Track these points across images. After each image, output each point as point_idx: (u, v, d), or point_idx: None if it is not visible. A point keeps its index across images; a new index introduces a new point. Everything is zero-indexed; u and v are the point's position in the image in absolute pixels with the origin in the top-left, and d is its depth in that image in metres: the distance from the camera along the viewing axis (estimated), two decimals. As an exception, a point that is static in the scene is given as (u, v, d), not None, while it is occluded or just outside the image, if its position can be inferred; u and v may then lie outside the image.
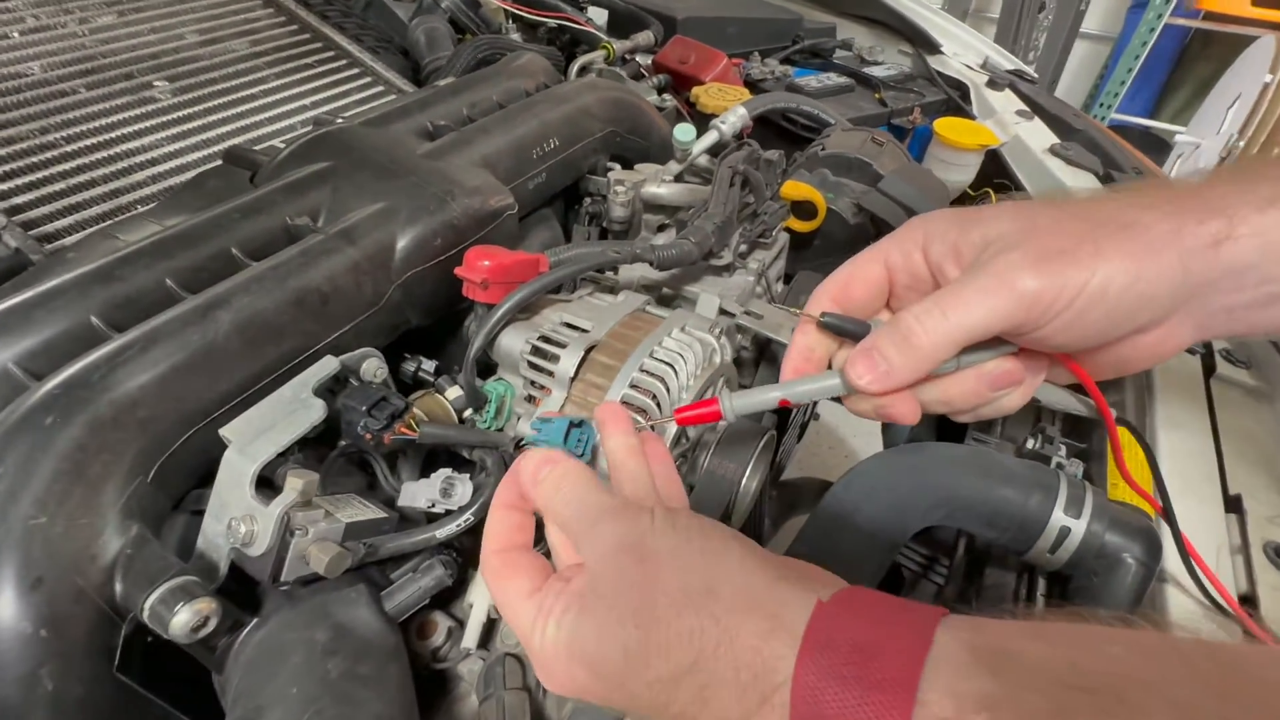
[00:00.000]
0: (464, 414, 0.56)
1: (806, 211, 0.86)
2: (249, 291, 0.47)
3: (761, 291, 0.75)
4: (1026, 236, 0.31)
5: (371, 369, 0.49)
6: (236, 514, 0.39)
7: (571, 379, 0.52)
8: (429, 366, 0.58)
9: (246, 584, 0.41)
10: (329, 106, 0.90)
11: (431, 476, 0.47)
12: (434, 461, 0.56)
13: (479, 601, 0.46)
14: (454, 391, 0.55)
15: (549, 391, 0.53)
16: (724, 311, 0.67)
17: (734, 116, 0.91)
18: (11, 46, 0.77)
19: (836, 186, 0.88)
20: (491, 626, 0.47)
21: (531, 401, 0.55)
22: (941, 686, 0.23)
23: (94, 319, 0.45)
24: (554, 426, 0.40)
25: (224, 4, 0.96)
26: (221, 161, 0.69)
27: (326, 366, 0.46)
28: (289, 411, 0.43)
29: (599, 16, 1.25)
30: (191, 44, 0.89)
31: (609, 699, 0.29)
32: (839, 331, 0.37)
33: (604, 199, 0.81)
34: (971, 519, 0.54)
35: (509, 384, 0.56)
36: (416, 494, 0.46)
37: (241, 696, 0.36)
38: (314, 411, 0.43)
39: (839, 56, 1.42)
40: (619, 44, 1.15)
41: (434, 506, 0.46)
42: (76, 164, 0.70)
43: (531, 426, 0.41)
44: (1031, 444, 0.64)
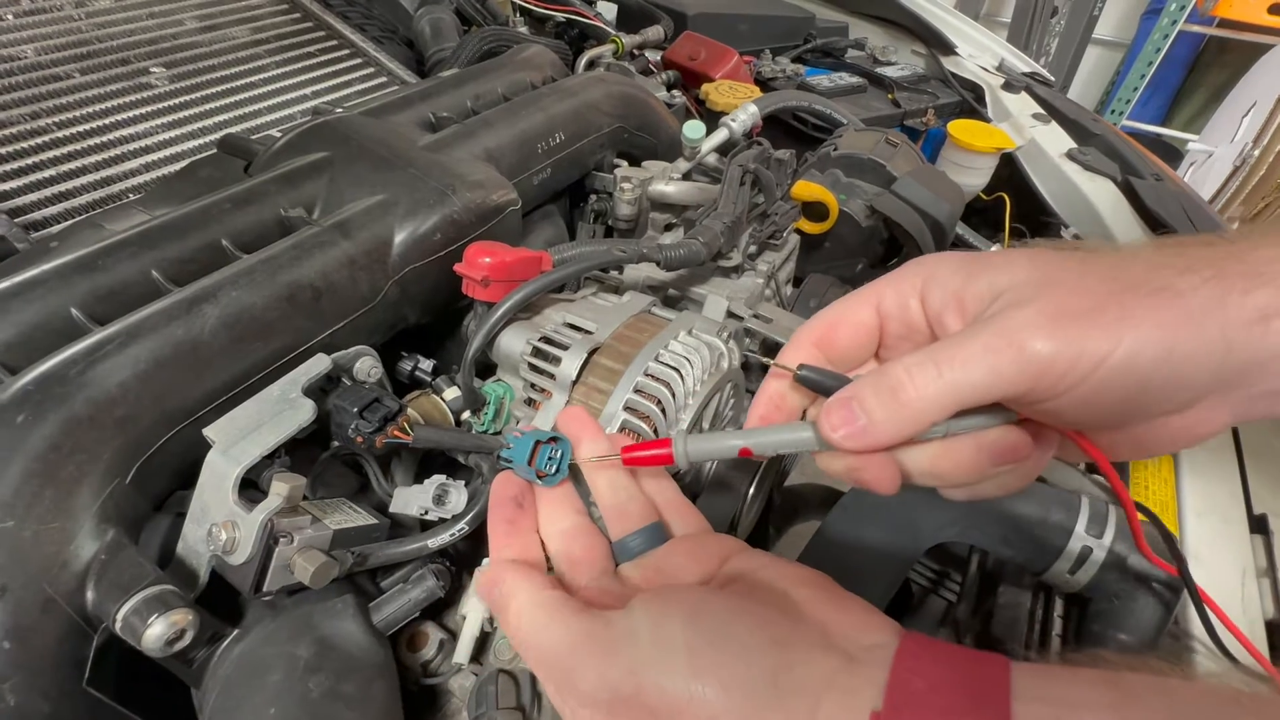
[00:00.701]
0: (461, 416, 0.54)
1: (818, 213, 0.83)
2: (238, 285, 0.45)
3: (771, 294, 0.72)
4: (1042, 291, 0.26)
5: (365, 368, 0.47)
6: (218, 519, 0.37)
7: (573, 382, 0.49)
8: (426, 366, 0.56)
9: (227, 593, 0.39)
10: (330, 96, 0.88)
11: (425, 483, 0.45)
12: (430, 463, 0.54)
13: (472, 614, 0.44)
14: (451, 392, 0.53)
15: (550, 395, 0.51)
16: (732, 314, 0.64)
17: (744, 114, 0.89)
18: (5, 29, 0.76)
19: (849, 188, 0.86)
20: (485, 640, 0.45)
21: (531, 404, 0.53)
22: None
23: (74, 311, 0.43)
24: (520, 445, 0.37)
25: (225, -10, 0.95)
26: (216, 150, 0.67)
27: (318, 365, 0.44)
28: (277, 412, 0.41)
29: (608, 11, 1.23)
30: (190, 30, 0.87)
31: None
32: (816, 388, 0.32)
33: (610, 196, 0.79)
34: (987, 536, 0.52)
35: (508, 386, 0.54)
36: (409, 501, 0.44)
37: (217, 715, 0.34)
38: (303, 412, 0.41)
39: (851, 56, 1.39)
40: (628, 39, 1.13)
41: (427, 514, 0.44)
42: (67, 150, 0.68)
43: (507, 440, 0.38)
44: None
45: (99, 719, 0.35)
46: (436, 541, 0.43)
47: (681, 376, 0.49)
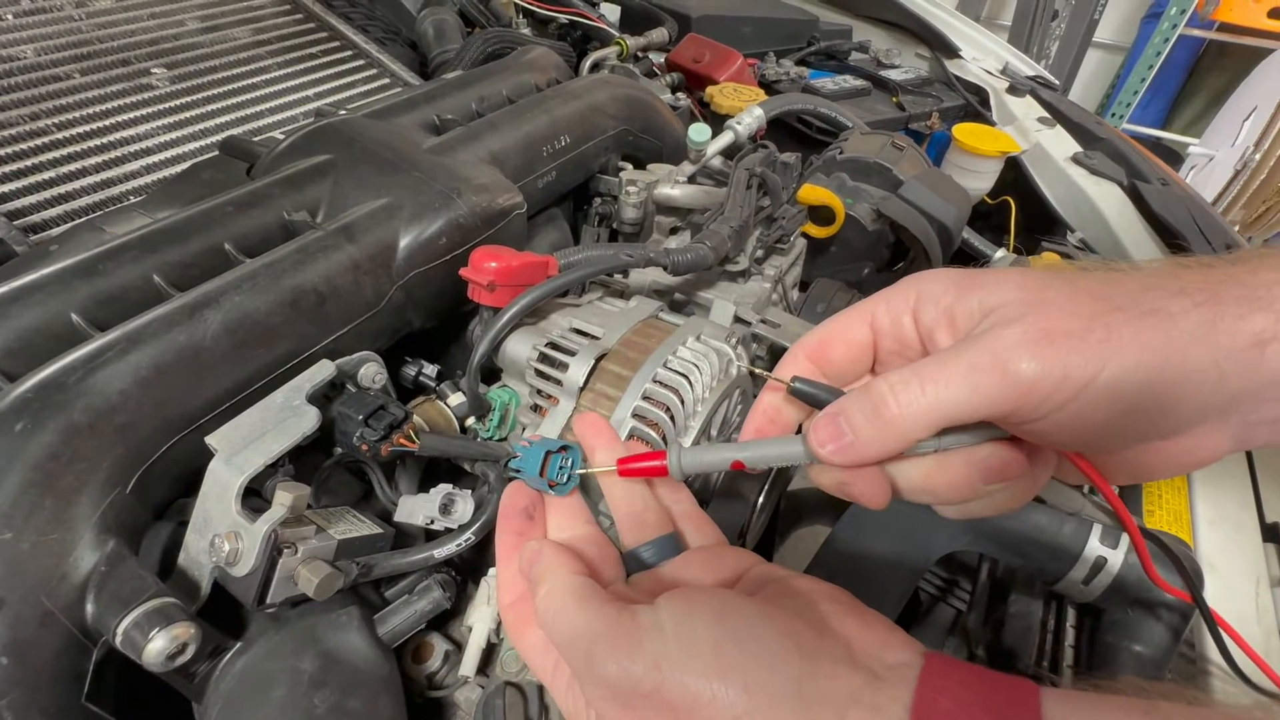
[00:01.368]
0: (466, 422, 0.53)
1: (824, 217, 0.83)
2: (241, 290, 0.44)
3: (778, 299, 0.72)
4: (1030, 310, 0.26)
5: (370, 374, 0.47)
6: (220, 530, 0.36)
7: (581, 388, 0.49)
8: (430, 371, 0.55)
9: (229, 605, 0.38)
10: (333, 98, 0.87)
11: (431, 492, 0.44)
12: (434, 470, 0.54)
13: (479, 625, 0.44)
14: (456, 398, 0.53)
15: (556, 401, 0.50)
16: (739, 319, 0.64)
17: (750, 117, 0.88)
18: (5, 29, 0.75)
19: (855, 191, 0.85)
20: (491, 651, 0.44)
21: (537, 411, 0.52)
22: None
23: (74, 316, 0.42)
24: (531, 455, 0.36)
25: (227, -9, 0.94)
26: (218, 152, 0.66)
27: (322, 371, 0.43)
28: (280, 419, 0.40)
29: (611, 13, 1.22)
30: (192, 31, 0.86)
31: None
32: (809, 400, 0.32)
33: (615, 199, 0.78)
34: (999, 546, 0.51)
35: (514, 392, 0.53)
36: (414, 510, 0.43)
37: (220, 731, 0.33)
38: (307, 420, 0.40)
39: (855, 59, 1.39)
40: (632, 41, 1.12)
41: (433, 524, 0.43)
42: (67, 152, 0.67)
43: (515, 449, 0.38)
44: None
45: (98, 735, 0.34)
46: (443, 552, 0.42)
47: (690, 383, 0.49)
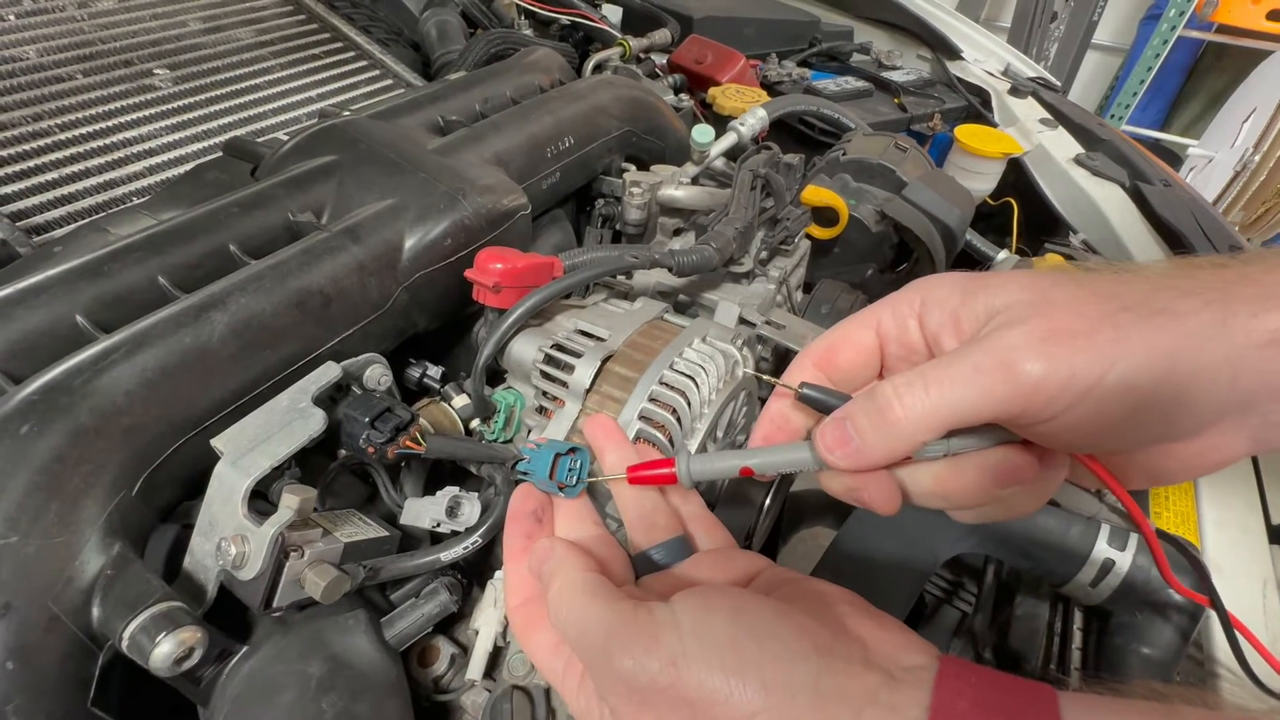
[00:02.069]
0: (470, 424, 0.53)
1: (827, 218, 0.83)
2: (247, 291, 0.44)
3: (782, 300, 0.72)
4: (1036, 311, 0.26)
5: (375, 376, 0.46)
6: (227, 533, 0.36)
7: (587, 390, 0.49)
8: (434, 373, 0.55)
9: (235, 608, 0.37)
10: (336, 99, 0.87)
11: (438, 495, 0.44)
12: (439, 472, 0.53)
13: (485, 628, 0.43)
14: (460, 400, 0.52)
15: (562, 403, 0.50)
16: (744, 321, 0.64)
17: (753, 118, 0.88)
18: (7, 30, 0.75)
19: (858, 193, 0.85)
20: (498, 655, 0.44)
21: (543, 413, 0.52)
22: None
23: (80, 318, 0.42)
24: (540, 457, 0.36)
25: (229, -9, 0.94)
26: (221, 153, 0.66)
27: (328, 373, 0.43)
28: (286, 422, 0.40)
29: (613, 14, 1.22)
30: (194, 32, 0.86)
31: None
32: (817, 406, 0.32)
33: (618, 200, 0.78)
34: (1006, 548, 0.51)
35: (519, 394, 0.53)
36: (421, 513, 0.43)
37: (227, 736, 0.33)
38: (313, 422, 0.40)
39: (856, 60, 1.39)
40: (635, 42, 1.12)
41: (439, 526, 0.43)
42: (70, 153, 0.67)
43: (523, 451, 0.38)
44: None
45: (103, 739, 0.34)
46: (450, 554, 0.42)
47: (697, 385, 0.48)
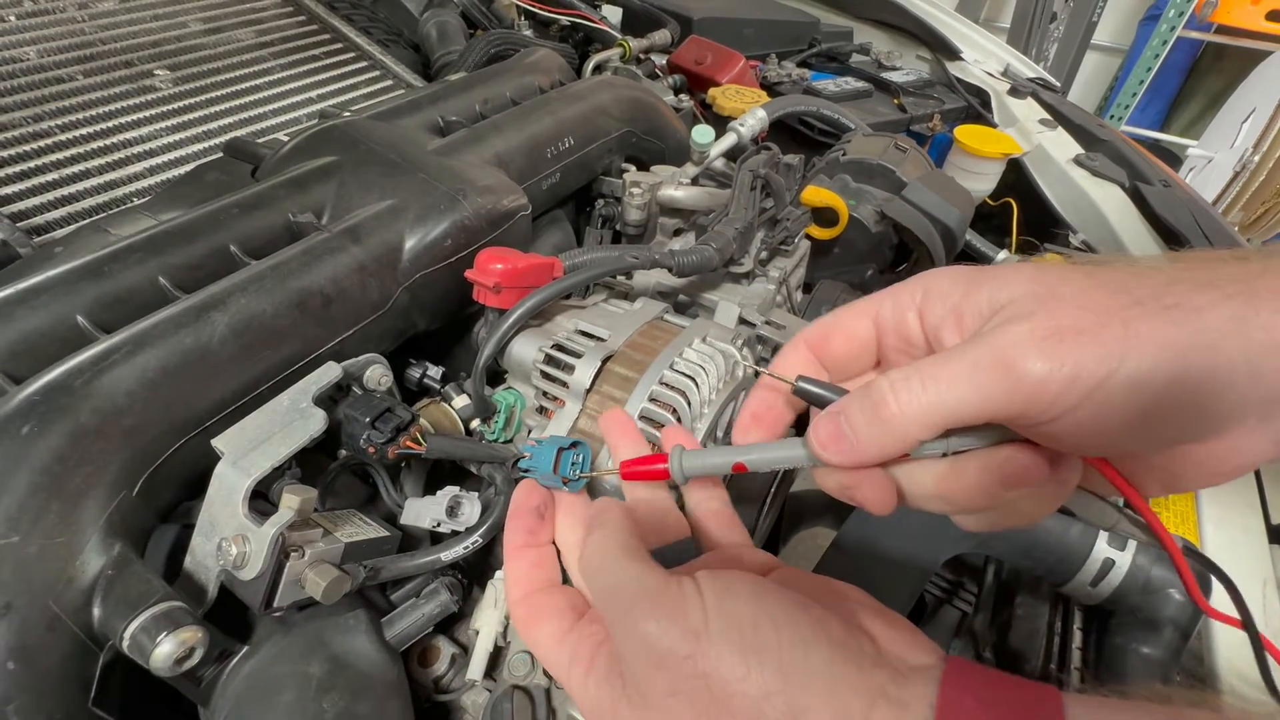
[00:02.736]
0: (471, 424, 0.53)
1: (827, 219, 0.83)
2: (247, 292, 0.44)
3: (782, 300, 0.72)
4: (1040, 306, 0.25)
5: (375, 376, 0.46)
6: (227, 533, 0.36)
7: (587, 390, 0.49)
8: (435, 373, 0.55)
9: (235, 608, 0.37)
10: (336, 100, 0.87)
11: (438, 495, 0.44)
12: (439, 472, 0.53)
13: (485, 628, 0.43)
14: (461, 400, 0.52)
15: (562, 403, 0.50)
16: (744, 321, 0.64)
17: (753, 119, 0.88)
18: (7, 30, 0.75)
19: (858, 193, 0.85)
20: (498, 655, 0.44)
21: (543, 413, 0.52)
22: None
23: (80, 318, 0.42)
24: (543, 451, 0.36)
25: (229, -7, 0.94)
26: (222, 154, 0.66)
27: (328, 374, 0.43)
28: (287, 422, 0.40)
29: (613, 15, 1.22)
30: (195, 33, 0.86)
31: None
32: (813, 400, 0.31)
33: (618, 201, 0.78)
34: (1007, 548, 0.51)
35: (519, 394, 0.53)
36: (421, 513, 0.43)
37: (228, 736, 0.33)
38: (314, 422, 0.40)
39: (856, 61, 1.39)
40: (635, 42, 1.12)
41: (439, 526, 0.43)
42: (70, 154, 0.67)
43: (525, 449, 0.38)
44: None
45: (104, 739, 0.34)
46: (450, 554, 0.42)
47: (697, 385, 0.48)
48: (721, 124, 0.91)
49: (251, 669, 0.36)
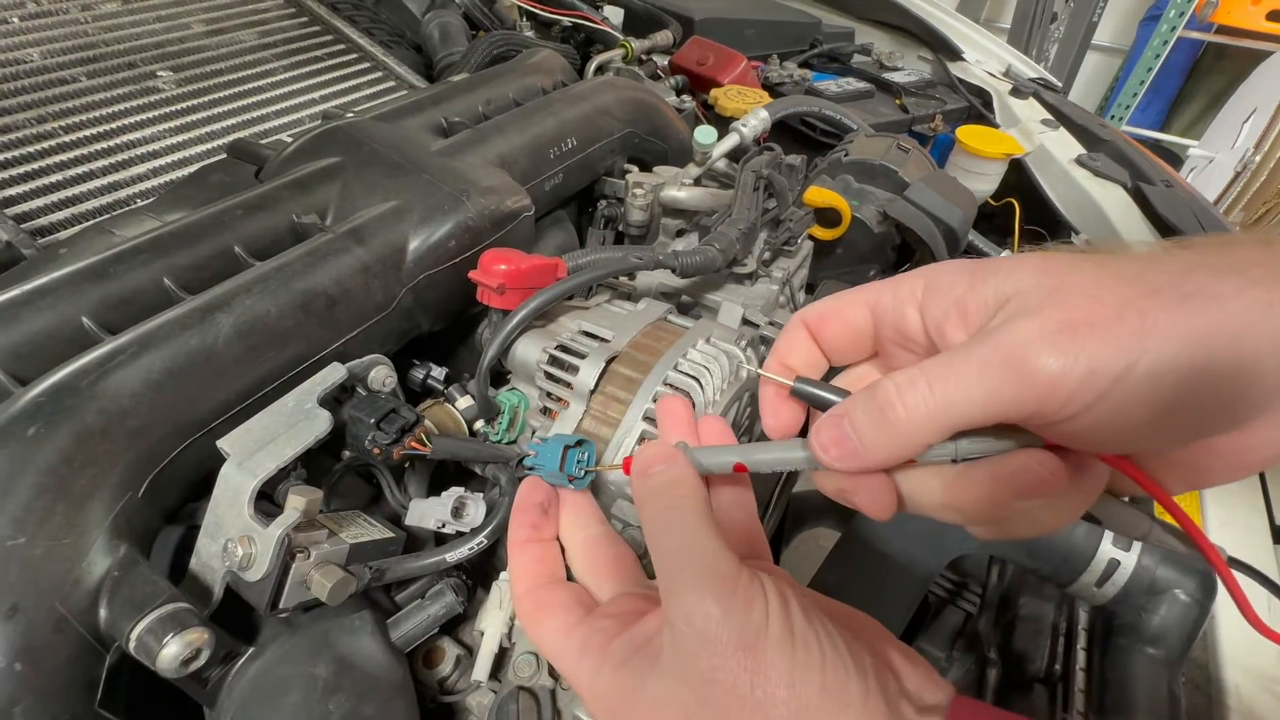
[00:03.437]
0: (474, 425, 0.53)
1: (830, 219, 0.83)
2: (252, 293, 0.44)
3: (785, 301, 0.72)
4: (1051, 299, 0.23)
5: (380, 377, 0.46)
6: (233, 534, 0.36)
7: (591, 391, 0.49)
8: (438, 374, 0.55)
9: (241, 609, 0.37)
10: (339, 101, 0.87)
11: (443, 495, 0.44)
12: (443, 473, 0.53)
13: (490, 629, 0.43)
14: (464, 401, 0.52)
15: (566, 404, 0.50)
16: (747, 322, 0.64)
17: (755, 119, 0.88)
18: (11, 32, 0.75)
19: (860, 194, 0.85)
20: (503, 656, 0.44)
21: (547, 414, 0.52)
22: None
23: (85, 320, 0.42)
24: (549, 449, 0.36)
25: (232, -6, 0.94)
26: (225, 155, 0.66)
27: (333, 374, 0.43)
28: (292, 423, 0.40)
29: (615, 15, 1.22)
30: (197, 34, 0.86)
31: None
32: (814, 402, 0.30)
33: (620, 201, 0.78)
34: (1011, 549, 0.51)
35: (523, 394, 0.53)
36: (426, 514, 0.43)
37: (234, 737, 0.33)
38: (319, 423, 0.40)
39: (857, 61, 1.39)
40: (637, 43, 1.12)
41: (444, 527, 0.43)
42: (74, 155, 0.67)
43: (529, 448, 0.38)
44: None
45: (110, 741, 0.34)
46: (456, 555, 0.42)
47: (701, 386, 0.48)
48: (724, 125, 0.91)
49: (257, 670, 0.36)
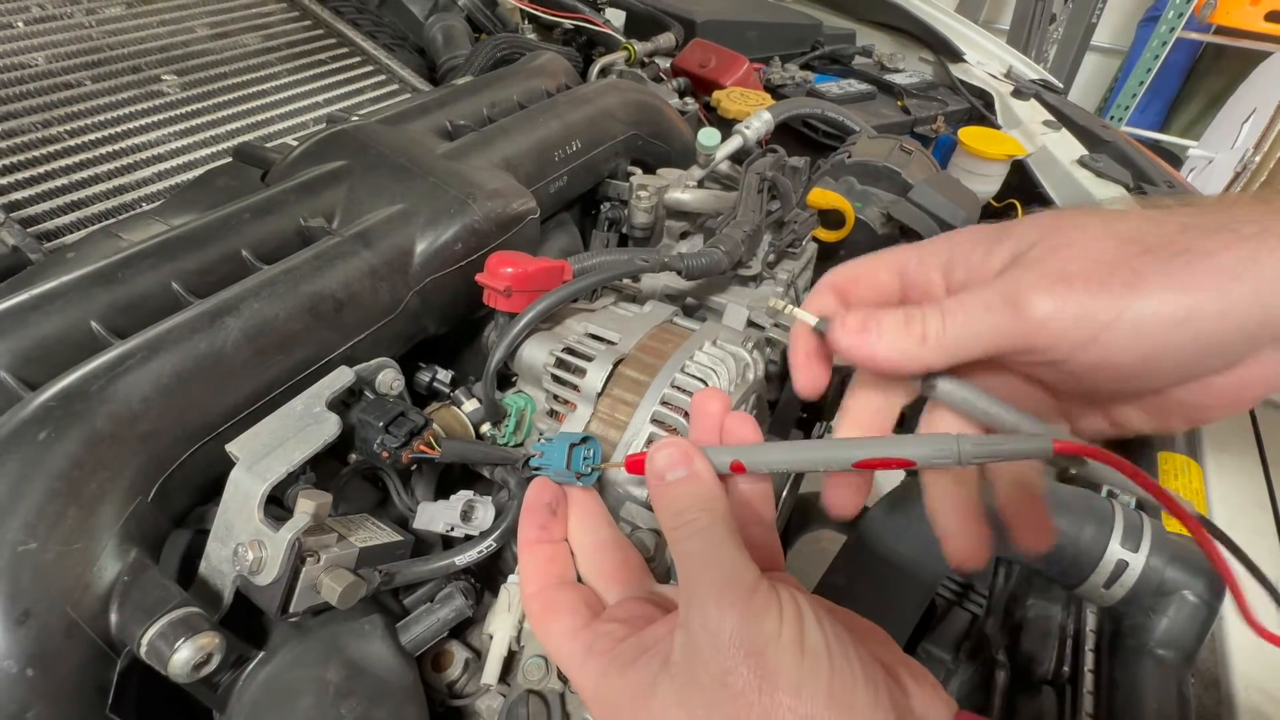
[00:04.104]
0: (481, 428, 0.53)
1: (834, 221, 0.83)
2: (259, 297, 0.44)
3: (790, 303, 0.72)
4: (1052, 253, 0.26)
5: (387, 380, 0.46)
6: (243, 539, 0.36)
7: (598, 394, 0.49)
8: (444, 377, 0.55)
9: (252, 613, 0.37)
10: (343, 104, 0.88)
11: (452, 499, 0.44)
12: (449, 476, 0.53)
13: (499, 632, 0.43)
14: (471, 404, 0.52)
15: (573, 406, 0.50)
16: (753, 323, 0.64)
17: (758, 121, 0.88)
18: (15, 36, 0.75)
19: (864, 195, 0.85)
20: (512, 659, 0.44)
21: (554, 416, 0.52)
22: None
23: (94, 324, 0.42)
24: (555, 448, 0.36)
25: (236, -2, 0.94)
26: (231, 159, 0.66)
27: (341, 378, 0.43)
28: (301, 426, 0.40)
29: (616, 18, 1.22)
30: (202, 38, 0.86)
31: None
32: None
33: (624, 204, 0.78)
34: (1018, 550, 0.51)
35: (529, 397, 0.53)
36: (434, 517, 0.43)
37: (246, 742, 0.33)
38: (328, 427, 0.40)
39: (859, 63, 1.39)
40: (640, 46, 1.13)
41: (453, 531, 0.43)
42: (79, 159, 0.67)
43: (535, 447, 0.38)
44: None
45: (121, 746, 0.34)
46: (465, 558, 0.42)
47: (708, 388, 0.48)
48: (726, 127, 0.91)
49: (268, 675, 0.36)
